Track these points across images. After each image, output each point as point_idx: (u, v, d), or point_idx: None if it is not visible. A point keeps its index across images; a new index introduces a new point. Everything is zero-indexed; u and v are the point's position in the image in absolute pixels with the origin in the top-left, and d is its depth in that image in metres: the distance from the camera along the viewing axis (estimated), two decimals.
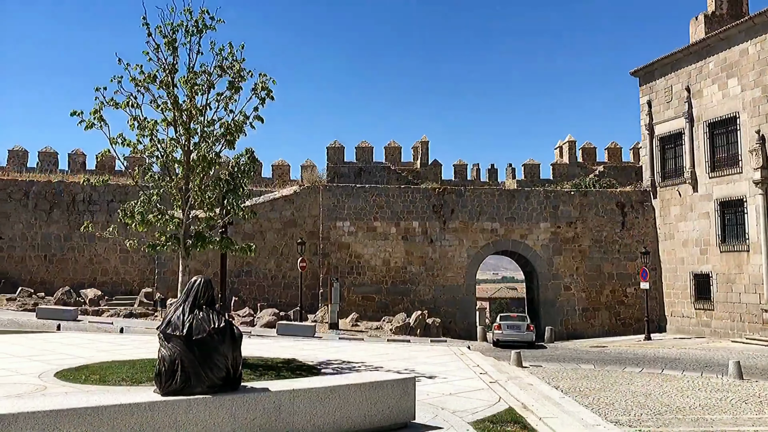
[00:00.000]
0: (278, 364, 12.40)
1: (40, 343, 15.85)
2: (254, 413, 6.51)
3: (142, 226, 11.95)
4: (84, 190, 33.61)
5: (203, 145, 11.90)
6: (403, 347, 18.97)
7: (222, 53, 12.20)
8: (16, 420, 5.39)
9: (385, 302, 32.01)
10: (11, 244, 32.56)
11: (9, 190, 33.18)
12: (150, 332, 21.47)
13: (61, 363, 12.10)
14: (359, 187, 33.43)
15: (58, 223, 33.39)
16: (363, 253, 32.52)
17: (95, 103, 11.46)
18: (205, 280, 6.97)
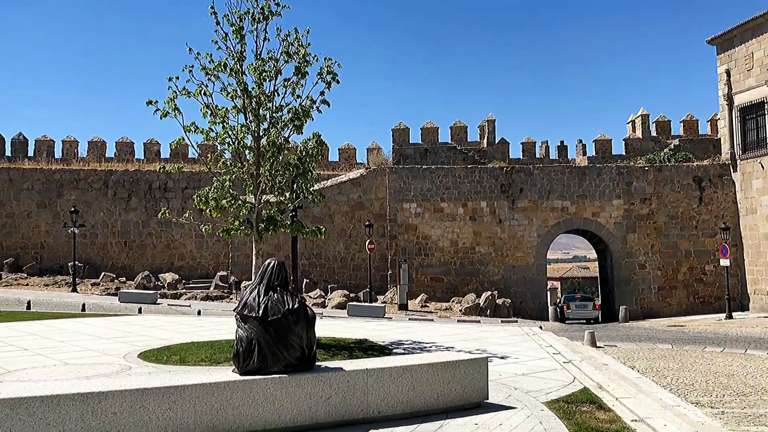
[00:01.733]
0: (350, 344, 12.57)
1: (123, 326, 16.58)
2: (329, 392, 6.64)
3: (217, 211, 12.26)
4: (159, 177, 34.81)
5: (272, 131, 12.08)
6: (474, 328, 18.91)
7: (288, 39, 12.32)
8: (106, 397, 5.68)
9: (453, 283, 31.94)
10: (93, 232, 34.10)
11: (90, 179, 34.71)
12: (226, 314, 22.14)
13: (143, 344, 12.63)
14: (425, 169, 33.33)
15: (136, 210, 34.74)
16: (430, 234, 32.49)
17: (169, 93, 11.79)
18: (278, 263, 7.11)
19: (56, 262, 33.54)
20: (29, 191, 34.17)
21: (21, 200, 34.03)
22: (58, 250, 33.70)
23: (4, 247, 33.51)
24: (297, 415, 6.46)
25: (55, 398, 5.52)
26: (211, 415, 6.05)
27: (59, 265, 33.28)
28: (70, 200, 33.65)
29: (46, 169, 34.92)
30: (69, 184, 34.45)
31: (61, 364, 10.26)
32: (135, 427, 5.74)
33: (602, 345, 16.48)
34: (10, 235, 33.71)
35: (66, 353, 11.48)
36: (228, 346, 11.41)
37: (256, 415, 6.27)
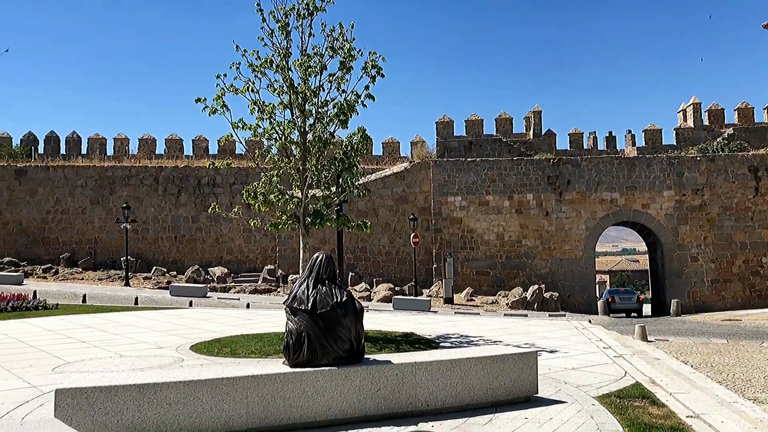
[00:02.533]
0: (397, 337, 12.60)
1: (175, 319, 16.97)
2: (378, 385, 6.67)
3: (265, 206, 12.44)
4: (208, 173, 35.45)
5: (318, 126, 12.18)
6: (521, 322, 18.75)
7: (333, 34, 12.38)
8: (162, 388, 5.82)
9: (500, 277, 31.70)
10: (145, 227, 34.95)
11: (141, 176, 35.57)
12: (274, 307, 22.45)
13: (195, 337, 12.90)
14: (470, 161, 33.12)
15: (186, 205, 35.46)
16: (476, 227, 32.29)
17: (217, 90, 11.98)
18: (326, 256, 7.17)
19: (109, 256, 34.51)
20: (83, 188, 35.21)
21: (75, 197, 35.10)
22: (111, 245, 34.66)
23: (61, 242, 34.63)
24: (346, 407, 6.51)
25: (113, 389, 5.69)
26: (262, 407, 6.15)
27: (112, 260, 34.23)
28: (122, 196, 34.54)
29: (99, 166, 35.92)
30: (121, 181, 35.37)
31: (117, 356, 10.56)
32: (189, 417, 5.87)
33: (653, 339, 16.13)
34: (66, 231, 34.81)
35: (121, 345, 11.82)
36: (277, 339, 11.58)
37: (306, 406, 6.34)
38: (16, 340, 12.39)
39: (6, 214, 34.66)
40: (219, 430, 5.96)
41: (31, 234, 34.66)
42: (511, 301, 28.01)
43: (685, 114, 40.31)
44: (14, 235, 34.55)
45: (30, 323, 15.35)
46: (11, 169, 35.16)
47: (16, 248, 34.21)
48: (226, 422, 5.99)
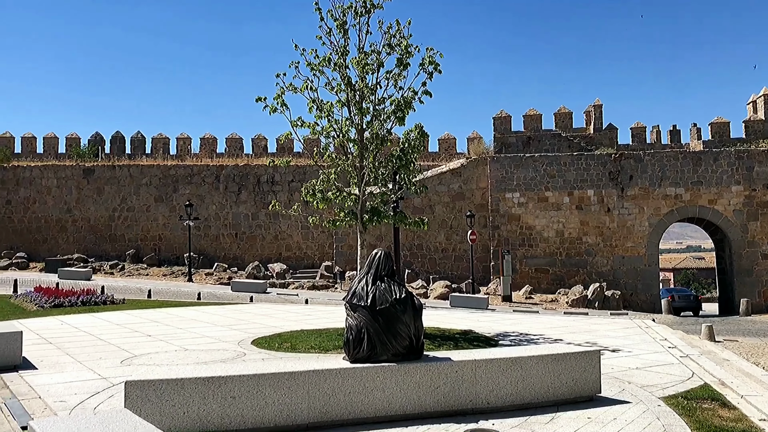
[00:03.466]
0: (455, 334, 12.54)
1: (236, 314, 17.32)
2: (438, 382, 6.66)
3: (323, 203, 12.56)
4: (267, 171, 36.04)
5: (375, 123, 12.21)
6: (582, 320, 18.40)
7: (390, 31, 12.39)
8: (226, 382, 5.96)
9: (559, 274, 31.17)
10: (207, 224, 35.79)
11: (203, 174, 36.44)
12: (332, 303, 22.67)
13: (256, 332, 13.14)
14: (528, 157, 32.65)
15: (246, 203, 36.14)
16: (534, 224, 31.83)
17: (277, 89, 12.15)
18: (385, 253, 7.19)
19: (173, 253, 35.48)
20: (148, 186, 36.30)
21: (140, 195, 36.22)
22: (175, 241, 35.63)
23: (126, 239, 35.80)
24: (406, 404, 6.52)
25: (179, 381, 5.85)
26: (323, 401, 6.22)
27: (176, 256, 35.19)
28: (185, 194, 35.46)
29: (163, 165, 36.95)
30: (184, 179, 36.31)
31: (181, 350, 10.85)
32: (252, 410, 5.99)
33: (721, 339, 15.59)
34: (132, 228, 35.96)
35: (185, 339, 12.13)
36: (336, 335, 11.68)
37: (366, 402, 6.38)
38: (86, 334, 12.87)
39: (75, 212, 36.05)
40: (281, 423, 6.06)
41: (99, 231, 35.96)
42: (571, 299, 27.51)
43: (755, 106, 38.71)
44: (83, 232, 35.91)
45: (99, 317, 15.93)
46: (80, 168, 36.53)
47: (85, 245, 35.55)
48: (288, 416, 6.08)
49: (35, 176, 36.23)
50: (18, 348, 9.31)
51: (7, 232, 35.81)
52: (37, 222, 35.94)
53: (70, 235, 35.80)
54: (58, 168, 36.53)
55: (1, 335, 9.19)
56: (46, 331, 13.20)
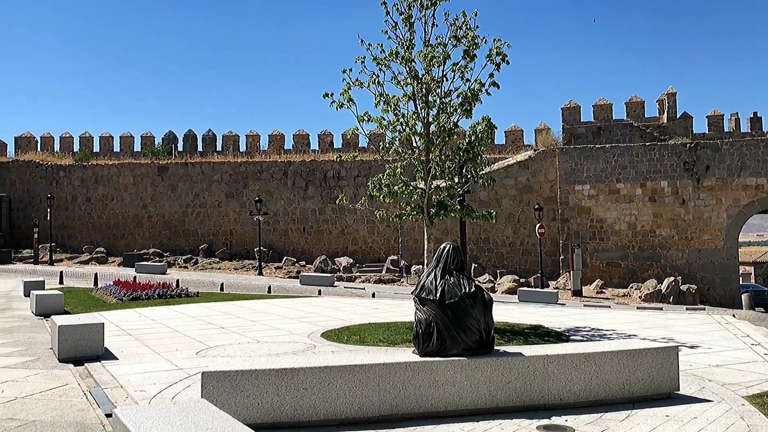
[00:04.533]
0: (525, 329, 12.37)
1: (305, 307, 17.59)
2: (509, 377, 6.58)
3: (389, 197, 12.57)
4: (333, 167, 36.43)
5: (442, 116, 12.13)
6: (656, 315, 17.82)
7: (456, 23, 12.28)
8: (298, 373, 6.05)
9: (631, 268, 30.31)
10: (275, 219, 36.49)
11: (271, 170, 37.15)
12: (398, 297, 22.73)
13: (325, 324, 13.31)
14: (599, 148, 31.83)
15: (313, 198, 36.65)
16: (605, 217, 31.03)
17: (343, 85, 12.23)
18: (453, 247, 7.14)
19: (243, 247, 36.34)
20: (219, 183, 37.27)
21: (212, 191, 37.23)
22: (245, 236, 36.48)
23: (199, 234, 36.89)
24: (477, 398, 6.47)
25: (254, 373, 5.98)
26: (394, 394, 6.24)
27: (246, 250, 36.04)
28: (255, 190, 36.25)
29: (233, 162, 37.88)
30: (253, 175, 37.11)
31: (254, 342, 11.09)
32: (324, 402, 6.06)
33: None
34: (204, 224, 37.03)
35: (257, 332, 12.41)
36: (403, 328, 11.71)
37: (437, 396, 6.37)
38: (163, 326, 13.33)
39: (150, 208, 37.38)
40: (352, 415, 6.11)
41: (173, 226, 37.18)
42: (645, 294, 26.70)
43: None
44: (158, 227, 37.20)
45: (175, 310, 16.46)
46: (154, 166, 37.84)
47: (160, 240, 36.84)
48: (359, 408, 6.13)
49: (113, 174, 37.74)
50: (100, 339, 9.72)
51: (88, 228, 37.47)
52: (115, 218, 37.46)
53: (146, 230, 37.16)
54: (134, 166, 37.95)
55: (85, 327, 9.61)
56: (125, 323, 13.74)
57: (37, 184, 37.91)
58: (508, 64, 12.26)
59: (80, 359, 9.24)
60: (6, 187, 38.06)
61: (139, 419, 4.13)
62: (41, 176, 38.04)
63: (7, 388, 7.58)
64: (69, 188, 37.77)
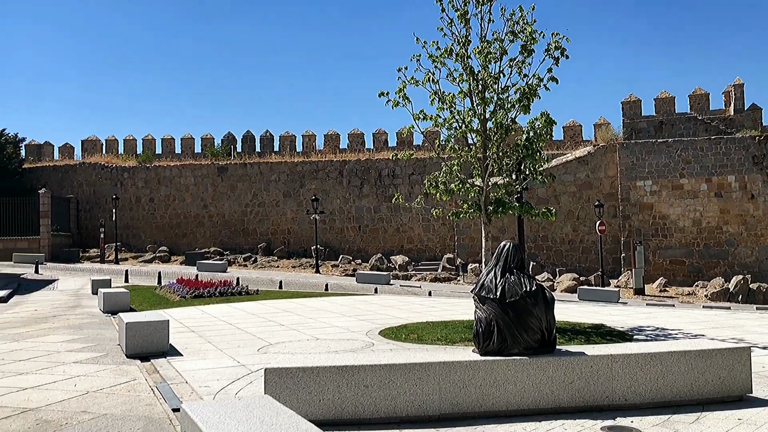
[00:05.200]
0: (586, 328, 12.13)
1: (362, 305, 17.69)
2: (571, 376, 6.46)
3: (446, 195, 12.52)
4: (388, 165, 36.52)
5: (499, 113, 12.00)
6: (724, 315, 17.22)
7: (513, 18, 12.14)
8: (358, 371, 6.08)
9: (696, 266, 29.36)
10: (331, 217, 36.82)
11: (327, 169, 37.49)
12: (455, 295, 22.64)
13: (382, 322, 13.35)
14: (661, 142, 30.94)
15: (368, 196, 36.82)
16: (668, 213, 30.15)
17: (398, 83, 12.24)
18: (514, 245, 7.06)
19: (301, 245, 36.80)
20: (276, 182, 37.85)
21: (270, 191, 37.83)
22: (302, 234, 36.93)
23: (258, 233, 37.54)
24: (539, 398, 6.38)
25: (315, 370, 6.04)
26: (454, 393, 6.21)
27: (303, 248, 36.48)
28: (311, 189, 36.66)
29: (290, 161, 38.40)
30: (309, 175, 37.54)
31: (313, 339, 11.22)
32: (384, 400, 6.08)
33: None
34: (263, 223, 37.66)
35: (315, 329, 12.54)
36: (462, 327, 11.65)
37: (497, 395, 6.30)
38: (224, 323, 13.62)
39: (211, 208, 38.24)
40: (413, 413, 6.11)
41: (233, 226, 37.94)
42: (711, 293, 25.83)
43: None
44: (218, 226, 38.03)
45: (236, 307, 16.80)
46: (214, 166, 38.68)
47: (220, 239, 37.65)
48: (419, 406, 6.12)
49: (174, 175, 38.76)
50: (165, 336, 10.00)
51: (151, 228, 38.59)
52: (177, 218, 38.48)
53: (206, 229, 38.04)
54: (195, 167, 38.89)
55: (151, 324, 9.90)
56: (188, 320, 14.09)
57: (103, 185, 39.26)
58: (567, 58, 12.06)
59: (146, 355, 9.53)
60: (74, 188, 39.55)
61: (206, 414, 4.23)
62: (106, 178, 39.37)
63: (79, 382, 7.87)
64: (133, 189, 38.98)
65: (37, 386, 7.62)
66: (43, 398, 7.03)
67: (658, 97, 36.27)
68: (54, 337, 11.67)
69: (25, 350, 10.23)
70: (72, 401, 6.91)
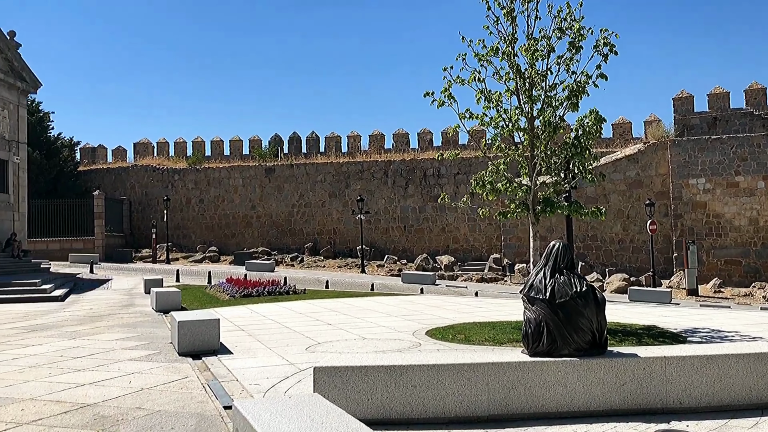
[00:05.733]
0: (637, 330, 11.88)
1: (408, 305, 17.68)
2: (623, 379, 6.34)
3: (492, 194, 12.41)
4: (433, 165, 36.44)
5: (547, 111, 11.85)
6: None
7: (560, 15, 11.96)
8: (407, 371, 6.09)
9: (754, 266, 28.45)
10: (377, 217, 36.93)
11: (372, 170, 37.63)
12: (502, 296, 22.45)
13: (429, 323, 13.32)
14: (715, 139, 30.08)
15: (413, 196, 36.80)
16: (723, 212, 29.29)
17: (444, 83, 12.19)
18: (563, 245, 6.97)
19: (346, 245, 37.03)
20: (322, 183, 38.17)
21: (316, 191, 38.18)
22: (348, 234, 37.16)
23: (305, 233, 37.92)
24: (590, 400, 6.28)
25: (363, 369, 6.07)
26: (503, 394, 6.16)
27: (349, 248, 36.70)
28: (356, 189, 36.85)
29: (335, 162, 38.68)
30: (355, 175, 37.74)
31: (360, 338, 11.27)
32: (433, 400, 6.07)
33: None
34: (309, 223, 38.03)
35: (362, 328, 12.60)
36: (509, 328, 11.54)
37: (547, 396, 6.23)
38: (273, 322, 13.80)
39: (259, 209, 38.80)
40: (461, 414, 6.09)
41: (280, 226, 38.42)
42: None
43: None
44: (266, 227, 38.56)
45: (283, 306, 17.00)
46: (262, 168, 39.24)
47: (268, 239, 38.17)
48: (468, 407, 6.09)
49: (223, 176, 39.45)
50: (216, 334, 10.18)
51: (201, 228, 39.36)
52: (225, 218, 39.15)
53: (254, 230, 38.61)
54: (243, 168, 39.52)
55: (202, 322, 10.10)
56: (237, 318, 14.32)
57: (154, 187, 40.21)
58: (617, 54, 11.83)
59: (198, 353, 9.72)
60: (126, 190, 40.63)
61: (258, 412, 4.29)
62: (158, 180, 40.31)
63: (133, 379, 8.09)
64: (183, 190, 39.82)
65: (94, 382, 7.85)
66: (100, 394, 7.25)
67: (712, 92, 35.28)
68: (109, 335, 12.02)
69: (82, 347, 10.56)
70: (127, 397, 7.11)
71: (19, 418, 6.36)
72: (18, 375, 8.40)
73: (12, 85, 28.23)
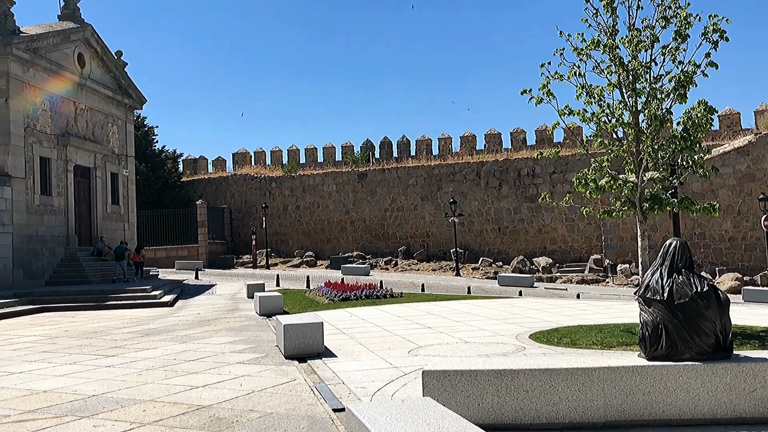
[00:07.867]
0: (759, 332, 11.14)
1: (507, 308, 17.36)
2: (753, 384, 5.92)
3: (596, 192, 11.99)
4: (527, 164, 35.75)
5: (653, 104, 11.33)
6: None
7: (664, 3, 11.42)
8: (518, 375, 5.93)
9: None
10: (470, 219, 36.60)
11: (464, 171, 37.35)
12: (605, 297, 21.68)
13: (531, 326, 13.01)
14: None
15: (507, 197, 36.22)
16: None
17: (542, 79, 11.89)
18: (681, 243, 6.61)
19: (440, 248, 36.90)
20: (414, 186, 38.24)
21: (408, 195, 38.29)
22: (441, 237, 37.02)
23: (398, 237, 38.10)
24: (715, 407, 5.90)
25: (472, 373, 5.96)
26: (620, 400, 5.89)
27: (442, 251, 36.55)
28: (448, 192, 36.67)
29: (426, 165, 38.67)
30: (446, 178, 37.58)
31: (462, 342, 11.13)
32: (546, 405, 5.88)
33: None
34: (402, 227, 38.18)
35: (463, 332, 12.45)
36: (618, 330, 11.10)
37: (668, 402, 5.91)
38: (373, 325, 13.88)
39: (352, 213, 39.32)
40: (576, 420, 5.86)
41: (373, 230, 38.77)
42: None
43: None
44: (359, 231, 39.02)
45: (381, 310, 17.09)
46: (354, 173, 39.76)
47: (362, 243, 38.60)
48: (583, 413, 5.87)
49: (317, 183, 40.27)
50: (320, 337, 10.32)
51: (298, 233, 40.32)
52: (321, 224, 39.93)
53: (348, 234, 39.16)
54: (336, 174, 40.19)
55: (307, 326, 10.27)
56: (338, 322, 14.50)
57: (253, 195, 41.55)
58: (727, 41, 11.17)
59: (303, 356, 9.88)
60: (226, 199, 42.19)
61: (372, 415, 4.28)
62: (256, 188, 41.63)
63: (244, 381, 8.31)
64: (280, 198, 40.93)
65: (206, 385, 8.13)
66: (214, 396, 7.48)
67: None
68: (217, 339, 12.45)
69: (193, 351, 10.98)
70: (239, 400, 7.30)
71: (142, 418, 6.65)
72: (137, 377, 8.81)
73: (120, 102, 29.96)
